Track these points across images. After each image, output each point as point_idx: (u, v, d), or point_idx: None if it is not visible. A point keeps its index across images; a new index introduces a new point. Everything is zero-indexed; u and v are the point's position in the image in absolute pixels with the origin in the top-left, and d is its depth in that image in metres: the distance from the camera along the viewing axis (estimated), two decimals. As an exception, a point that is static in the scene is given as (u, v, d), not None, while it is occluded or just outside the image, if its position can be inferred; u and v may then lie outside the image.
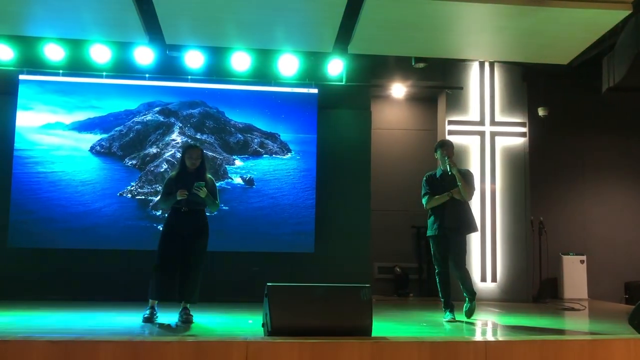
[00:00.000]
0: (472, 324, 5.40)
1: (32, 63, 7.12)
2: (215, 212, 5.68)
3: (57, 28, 6.43)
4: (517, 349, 3.92)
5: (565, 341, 4.13)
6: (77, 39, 6.80)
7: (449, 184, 5.51)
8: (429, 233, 5.62)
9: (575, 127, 8.80)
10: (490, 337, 4.75)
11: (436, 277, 5.61)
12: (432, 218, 5.60)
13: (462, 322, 5.40)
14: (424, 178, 5.71)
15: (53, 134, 7.20)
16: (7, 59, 7.01)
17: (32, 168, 7.08)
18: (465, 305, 5.50)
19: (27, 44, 6.96)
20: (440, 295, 5.58)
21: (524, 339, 4.21)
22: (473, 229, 5.61)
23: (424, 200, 5.63)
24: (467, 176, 5.61)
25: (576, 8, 5.49)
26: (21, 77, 7.14)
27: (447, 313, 5.48)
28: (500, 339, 4.46)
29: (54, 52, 6.95)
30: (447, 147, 5.64)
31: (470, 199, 5.60)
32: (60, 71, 7.17)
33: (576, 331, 5.22)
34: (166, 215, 5.28)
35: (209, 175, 5.25)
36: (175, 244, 5.01)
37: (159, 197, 5.29)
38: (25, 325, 4.76)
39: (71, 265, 7.00)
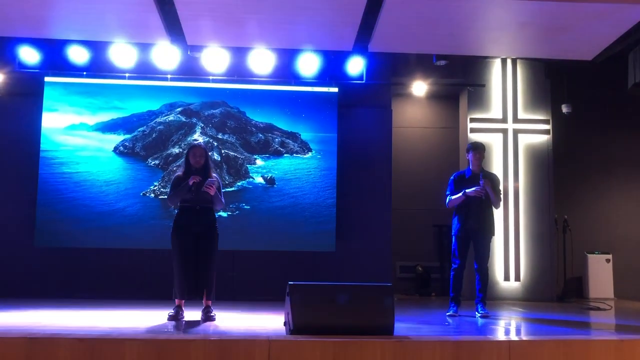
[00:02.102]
0: (496, 323, 5.35)
1: (56, 65, 7.22)
2: (222, 211, 5.72)
3: (81, 31, 6.54)
4: (541, 349, 3.88)
5: (590, 341, 4.07)
6: (100, 41, 6.90)
7: (476, 185, 5.59)
8: (453, 232, 5.71)
9: (600, 124, 8.65)
10: (513, 337, 4.71)
11: (451, 272, 5.69)
12: (455, 218, 5.71)
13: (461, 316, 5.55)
14: (452, 177, 5.80)
15: (77, 134, 7.31)
16: (32, 62, 7.13)
17: (57, 169, 7.20)
18: (480, 309, 5.58)
19: (51, 47, 7.07)
20: (450, 290, 5.67)
21: (548, 338, 4.16)
22: (493, 231, 5.75)
23: (446, 200, 5.75)
24: (496, 185, 5.72)
25: (600, 3, 5.40)
26: (46, 79, 7.27)
27: (453, 307, 5.61)
28: (524, 338, 4.41)
29: (78, 55, 7.05)
30: (479, 151, 5.72)
31: (498, 207, 5.77)
32: (84, 73, 7.27)
33: (602, 331, 5.14)
34: (175, 212, 5.34)
35: (215, 174, 5.31)
36: (188, 241, 5.06)
37: (168, 195, 5.37)
38: (53, 323, 4.84)
39: (96, 264, 7.10)
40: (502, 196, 5.78)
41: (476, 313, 5.60)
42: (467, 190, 5.54)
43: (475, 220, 5.57)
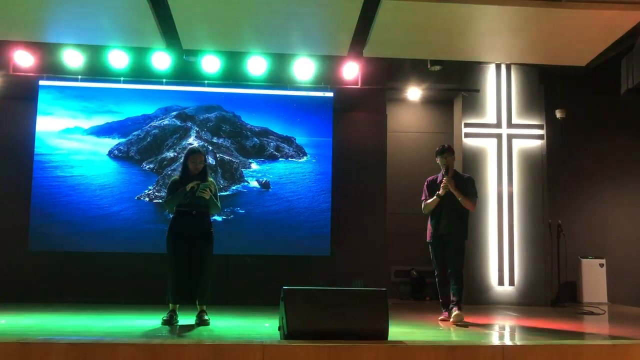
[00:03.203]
0: (490, 328, 5.36)
1: (51, 69, 7.24)
2: (217, 215, 5.73)
3: (76, 34, 6.53)
4: (535, 353, 3.89)
5: (584, 346, 4.08)
6: (96, 44, 6.89)
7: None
8: (427, 239, 5.73)
9: (593, 129, 8.69)
10: (507, 342, 4.71)
11: (435, 278, 5.72)
12: (428, 224, 5.72)
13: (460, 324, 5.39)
14: (425, 183, 5.82)
15: (72, 138, 7.29)
16: (27, 65, 7.13)
17: (51, 172, 7.18)
18: (453, 313, 5.41)
19: (46, 50, 7.07)
20: (439, 297, 5.71)
21: (542, 343, 4.17)
22: (464, 236, 5.64)
23: (422, 206, 5.75)
24: (467, 186, 5.61)
25: (594, 9, 5.44)
26: (41, 82, 7.25)
27: (444, 312, 5.62)
28: (517, 343, 4.42)
29: (73, 58, 7.06)
30: (445, 156, 5.65)
31: (473, 209, 5.66)
32: (79, 77, 7.27)
33: (595, 336, 5.16)
34: (170, 216, 5.34)
35: (211, 179, 5.32)
36: (183, 246, 5.06)
37: (164, 199, 5.38)
38: (45, 327, 4.82)
39: (90, 268, 7.07)
40: (475, 198, 5.64)
41: (450, 319, 5.44)
42: (438, 192, 5.53)
43: (446, 225, 5.54)
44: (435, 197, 5.57)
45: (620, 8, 5.41)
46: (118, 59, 7.05)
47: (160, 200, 7.09)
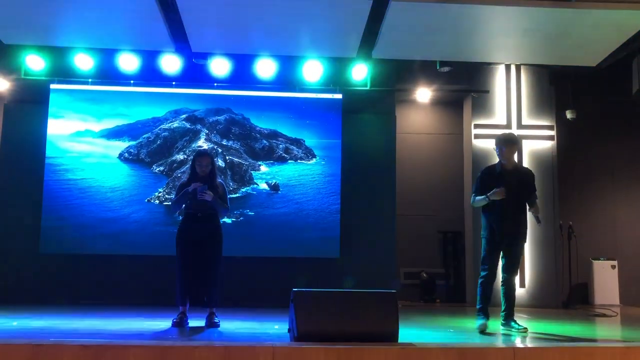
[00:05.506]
0: (500, 329, 5.32)
1: (62, 72, 7.29)
2: (226, 217, 5.74)
3: (87, 38, 6.59)
4: (546, 356, 3.86)
5: (596, 348, 4.05)
6: (106, 48, 6.94)
7: (509, 183, 4.97)
8: (483, 234, 5.09)
9: (604, 130, 8.63)
10: (518, 344, 4.68)
11: (480, 281, 5.06)
12: (486, 219, 5.07)
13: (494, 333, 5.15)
14: (480, 173, 5.21)
15: (83, 141, 7.34)
16: (38, 69, 7.18)
17: (62, 175, 7.23)
18: (510, 323, 5.03)
19: (57, 54, 7.13)
20: (478, 301, 5.05)
21: (553, 345, 4.14)
22: (526, 238, 5.21)
23: (472, 199, 5.20)
24: (529, 185, 5.14)
25: (604, 9, 5.41)
26: (52, 86, 7.31)
27: (481, 319, 5.02)
28: (529, 345, 4.39)
29: (83, 62, 7.10)
30: (512, 145, 5.07)
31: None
32: (90, 80, 7.32)
33: (608, 338, 5.11)
34: (180, 218, 5.35)
35: (219, 180, 5.34)
36: (190, 248, 5.08)
37: (171, 202, 5.42)
38: (57, 329, 4.85)
39: (101, 270, 7.11)
40: (537, 194, 5.18)
41: (512, 328, 4.98)
42: (489, 195, 4.93)
43: (513, 224, 4.97)
44: (484, 198, 4.97)
45: (631, 7, 5.37)
46: (128, 62, 7.08)
47: (170, 203, 7.12)
